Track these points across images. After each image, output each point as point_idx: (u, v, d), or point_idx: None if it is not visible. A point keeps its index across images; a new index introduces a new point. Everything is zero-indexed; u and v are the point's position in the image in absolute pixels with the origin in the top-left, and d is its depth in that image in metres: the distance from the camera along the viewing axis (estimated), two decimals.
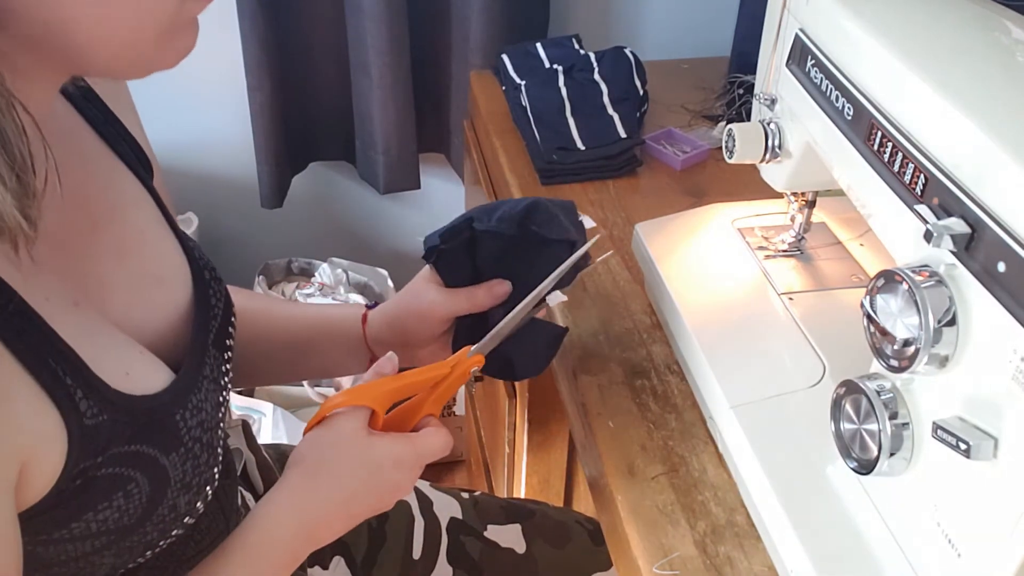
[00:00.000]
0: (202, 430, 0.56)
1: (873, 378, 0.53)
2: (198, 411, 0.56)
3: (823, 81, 0.62)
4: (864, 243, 0.80)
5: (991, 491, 0.45)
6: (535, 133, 1.10)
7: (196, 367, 0.58)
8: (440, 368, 0.62)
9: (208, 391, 0.59)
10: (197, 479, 0.56)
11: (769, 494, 0.60)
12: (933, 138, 0.50)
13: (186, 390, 0.56)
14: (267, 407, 1.54)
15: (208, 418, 0.58)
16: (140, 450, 0.51)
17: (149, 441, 0.52)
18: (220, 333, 0.63)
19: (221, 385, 0.62)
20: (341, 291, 1.67)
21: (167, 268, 0.61)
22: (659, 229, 0.85)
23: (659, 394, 0.75)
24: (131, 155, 0.62)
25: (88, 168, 0.57)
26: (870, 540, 0.56)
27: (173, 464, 0.53)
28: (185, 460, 0.54)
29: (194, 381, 0.57)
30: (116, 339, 0.53)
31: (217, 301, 0.63)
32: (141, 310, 0.58)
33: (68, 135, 0.56)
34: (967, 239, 0.45)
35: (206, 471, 0.57)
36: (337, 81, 1.56)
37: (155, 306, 0.59)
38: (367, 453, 0.59)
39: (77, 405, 0.47)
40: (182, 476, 0.54)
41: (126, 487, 0.50)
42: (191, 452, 0.55)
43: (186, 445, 0.55)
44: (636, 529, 0.64)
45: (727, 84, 1.22)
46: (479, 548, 0.88)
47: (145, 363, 0.55)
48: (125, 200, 0.60)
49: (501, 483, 1.34)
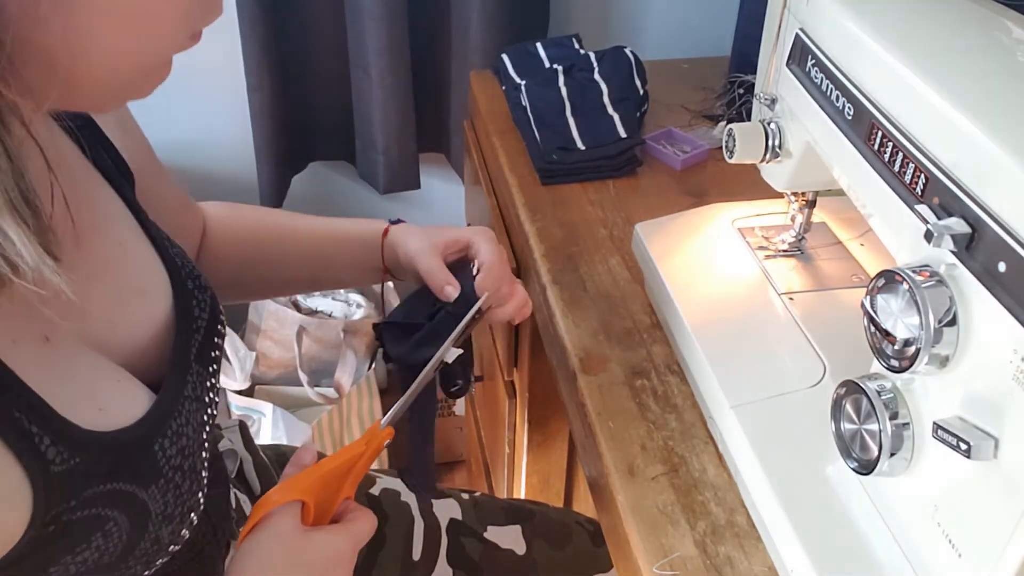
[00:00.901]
0: (183, 457, 0.55)
1: (873, 378, 0.53)
2: (178, 437, 0.55)
3: (823, 81, 0.62)
4: (864, 243, 0.80)
5: (991, 491, 0.45)
6: (535, 133, 1.10)
7: (177, 387, 0.57)
8: (356, 447, 0.62)
9: (190, 412, 0.57)
10: (180, 508, 0.55)
11: (769, 494, 0.60)
12: (933, 138, 0.50)
13: (165, 416, 0.54)
14: (267, 407, 1.54)
15: (189, 443, 0.56)
16: (116, 488, 0.49)
17: (126, 477, 0.50)
18: (204, 346, 0.61)
19: (205, 403, 0.60)
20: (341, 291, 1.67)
21: (148, 281, 0.59)
22: (659, 229, 0.85)
23: (659, 394, 0.75)
24: (108, 162, 0.60)
25: (70, 183, 0.54)
26: (870, 540, 0.56)
27: (153, 497, 0.52)
28: (166, 491, 0.53)
29: (174, 404, 0.56)
30: (91, 372, 0.52)
31: (201, 312, 0.62)
32: (124, 326, 0.56)
33: (48, 148, 0.55)
34: (967, 239, 0.45)
35: (189, 498, 0.56)
36: (337, 81, 1.56)
37: (137, 321, 0.57)
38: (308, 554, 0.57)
39: (44, 454, 0.45)
40: (163, 508, 0.53)
41: (104, 527, 0.49)
42: (172, 482, 0.54)
43: (166, 476, 0.53)
44: (636, 529, 0.64)
45: (727, 84, 1.22)
46: (479, 549, 0.88)
47: (122, 391, 0.53)
48: (105, 213, 0.58)
49: (501, 483, 1.34)
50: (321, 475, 0.60)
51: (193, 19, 0.46)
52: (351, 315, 1.63)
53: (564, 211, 1.00)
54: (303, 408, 1.63)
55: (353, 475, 0.62)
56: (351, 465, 0.62)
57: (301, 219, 0.83)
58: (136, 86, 0.47)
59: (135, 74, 0.46)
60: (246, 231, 0.82)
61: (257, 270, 0.82)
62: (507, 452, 1.24)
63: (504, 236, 1.08)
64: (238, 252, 0.82)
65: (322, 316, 1.61)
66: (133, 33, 0.43)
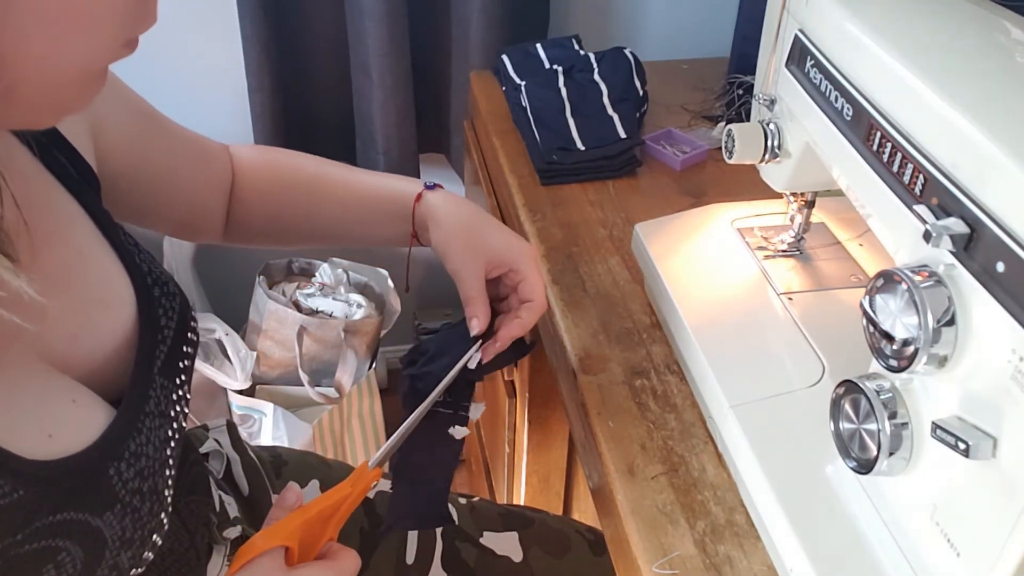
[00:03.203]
0: (141, 479, 0.53)
1: (872, 378, 0.53)
2: (137, 458, 0.53)
3: (822, 81, 0.62)
4: (863, 243, 0.80)
5: (990, 490, 0.45)
6: (535, 133, 1.10)
7: (138, 404, 0.54)
8: (343, 489, 0.62)
9: (152, 429, 0.55)
10: (139, 532, 0.53)
11: (768, 493, 0.60)
12: (932, 138, 0.50)
13: (122, 437, 0.52)
14: (267, 407, 1.54)
15: (150, 463, 0.54)
16: (67, 517, 0.47)
17: (78, 505, 0.48)
18: (171, 356, 0.58)
19: (170, 417, 0.58)
20: (342, 291, 1.67)
21: (110, 291, 0.57)
22: (659, 229, 0.85)
23: (659, 394, 0.75)
24: (65, 166, 0.58)
25: (23, 186, 0.51)
26: (869, 540, 0.56)
27: (108, 523, 0.50)
28: (123, 516, 0.51)
29: (132, 424, 0.53)
30: (42, 394, 0.50)
31: (168, 321, 0.59)
32: (84, 339, 0.54)
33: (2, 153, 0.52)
34: (966, 239, 0.45)
35: (150, 520, 0.54)
36: (338, 82, 1.56)
37: (98, 333, 0.55)
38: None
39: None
40: (120, 533, 0.51)
41: (55, 558, 0.47)
42: (129, 506, 0.52)
43: (123, 500, 0.51)
44: (636, 529, 0.64)
45: (727, 84, 1.22)
46: (474, 555, 0.87)
47: (76, 413, 0.51)
48: (62, 219, 0.56)
49: (501, 483, 1.34)
50: (305, 519, 0.59)
51: (128, 26, 0.45)
52: (352, 315, 1.63)
53: (564, 211, 1.00)
54: (304, 408, 1.64)
55: (338, 517, 0.61)
56: (336, 508, 0.61)
57: (336, 170, 0.80)
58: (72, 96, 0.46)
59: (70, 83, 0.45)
60: (278, 180, 0.80)
61: (288, 221, 0.81)
62: (507, 452, 1.25)
63: None
64: (269, 201, 0.80)
65: (323, 316, 1.61)
66: (66, 39, 0.42)
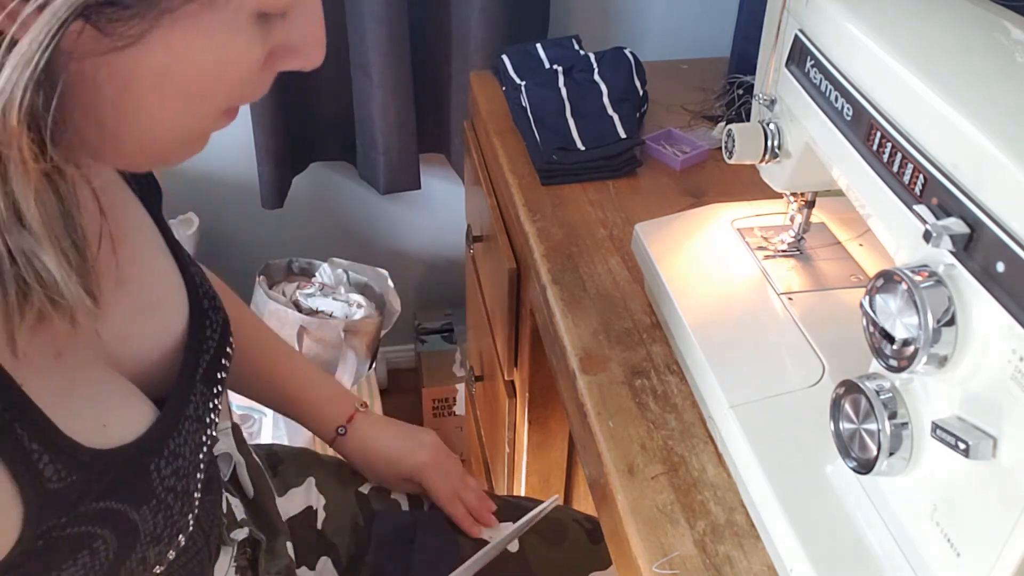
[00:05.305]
0: (177, 478, 0.55)
1: (872, 378, 0.53)
2: (175, 458, 0.55)
3: (822, 82, 0.62)
4: (863, 243, 0.80)
5: (990, 490, 0.45)
6: (535, 133, 1.10)
7: (180, 406, 0.57)
8: None
9: (189, 432, 0.57)
10: (169, 530, 0.55)
11: (768, 493, 0.60)
12: (932, 138, 0.50)
13: (165, 435, 0.54)
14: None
15: (185, 464, 0.56)
16: (109, 506, 0.49)
17: (120, 496, 0.50)
18: (212, 367, 0.61)
19: (206, 423, 0.60)
20: (342, 291, 1.67)
21: (165, 296, 0.59)
22: (659, 229, 0.85)
23: (659, 394, 0.75)
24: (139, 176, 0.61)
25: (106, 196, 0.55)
26: (869, 540, 0.56)
27: (144, 517, 0.52)
28: (157, 512, 0.53)
29: (174, 424, 0.56)
30: (99, 386, 0.52)
31: (212, 332, 0.62)
32: (137, 340, 0.56)
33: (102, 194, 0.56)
34: (966, 239, 0.45)
35: (179, 520, 0.56)
36: (338, 81, 1.56)
37: (150, 335, 0.57)
38: None
39: (41, 472, 0.45)
40: (152, 528, 0.53)
41: (92, 544, 0.49)
42: (163, 503, 0.54)
43: (159, 496, 0.53)
44: (636, 528, 0.64)
45: (727, 84, 1.22)
46: (470, 545, 0.87)
47: (127, 407, 0.53)
48: (131, 224, 0.59)
49: (501, 482, 1.35)
50: None
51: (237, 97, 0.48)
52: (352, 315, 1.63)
53: (564, 211, 1.00)
54: None
55: None
56: None
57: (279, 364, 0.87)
58: (173, 154, 0.48)
59: (176, 143, 0.47)
60: None
61: None
62: (507, 452, 1.25)
63: (504, 236, 1.09)
64: None
65: (323, 316, 1.61)
66: (182, 107, 0.45)
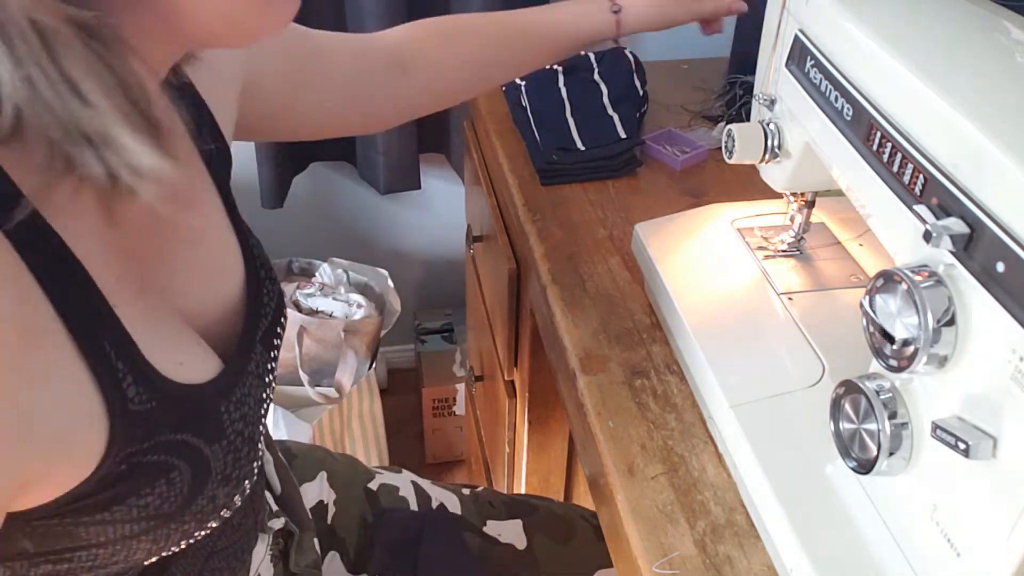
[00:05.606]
0: (244, 423, 0.57)
1: (872, 378, 0.53)
2: (241, 404, 0.57)
3: (822, 81, 0.62)
4: (863, 243, 0.80)
5: (990, 491, 0.45)
6: (535, 133, 1.10)
7: (242, 361, 0.59)
8: None
9: (252, 386, 0.59)
10: (237, 472, 0.57)
11: (768, 493, 0.60)
12: (932, 138, 0.50)
13: (232, 383, 0.57)
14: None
15: (250, 412, 0.58)
16: (185, 439, 0.51)
17: (194, 430, 0.52)
18: (269, 331, 0.63)
19: (265, 382, 0.63)
20: (342, 291, 1.67)
21: (225, 261, 0.62)
22: (659, 229, 0.85)
23: (659, 394, 0.75)
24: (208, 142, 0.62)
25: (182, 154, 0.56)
26: (869, 540, 0.56)
27: (215, 455, 0.54)
28: (227, 452, 0.55)
29: (240, 375, 0.58)
30: (175, 328, 0.54)
31: (269, 300, 0.64)
32: (201, 298, 0.58)
33: None
34: (966, 239, 0.45)
35: (246, 464, 0.58)
36: None
37: (213, 295, 0.60)
38: None
39: (125, 392, 0.47)
40: (223, 468, 0.55)
41: (169, 474, 0.51)
42: (233, 444, 0.56)
43: (228, 437, 0.55)
44: (636, 528, 0.64)
45: (727, 84, 1.22)
46: (478, 543, 0.88)
47: (199, 353, 0.56)
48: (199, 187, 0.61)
49: (501, 482, 1.34)
50: None
51: None
52: (351, 315, 1.63)
53: (564, 211, 1.00)
54: (304, 408, 1.64)
55: None
56: None
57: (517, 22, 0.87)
58: (253, 16, 0.45)
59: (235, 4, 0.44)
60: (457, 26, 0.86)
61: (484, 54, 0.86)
62: (507, 451, 1.25)
63: (504, 236, 1.09)
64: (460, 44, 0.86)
65: (323, 316, 1.61)
66: None
